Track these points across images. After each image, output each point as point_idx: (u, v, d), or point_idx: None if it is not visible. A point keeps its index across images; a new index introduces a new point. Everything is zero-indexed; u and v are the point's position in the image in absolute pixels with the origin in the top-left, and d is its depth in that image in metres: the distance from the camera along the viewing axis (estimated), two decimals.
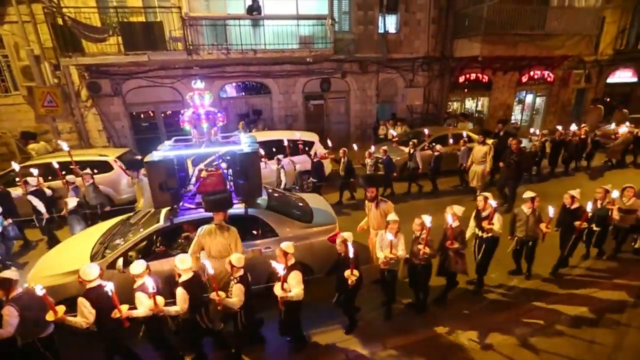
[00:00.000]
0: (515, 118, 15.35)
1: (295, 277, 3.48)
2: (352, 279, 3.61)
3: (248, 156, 4.33)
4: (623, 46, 15.64)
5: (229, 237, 3.99)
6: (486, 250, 4.74)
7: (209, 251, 3.98)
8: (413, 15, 12.12)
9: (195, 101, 4.49)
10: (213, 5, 9.47)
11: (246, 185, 4.42)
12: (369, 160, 8.07)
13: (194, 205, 4.58)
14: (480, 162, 8.05)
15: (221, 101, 11.11)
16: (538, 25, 11.67)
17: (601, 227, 5.41)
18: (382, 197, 4.90)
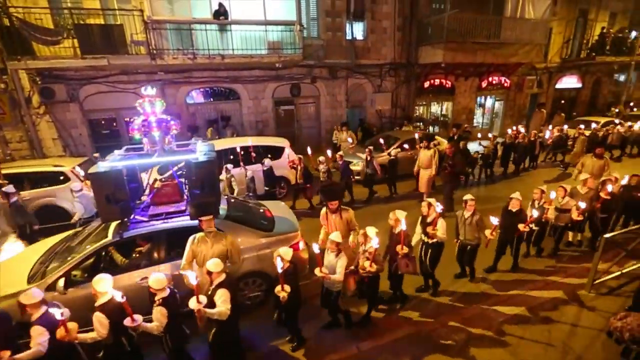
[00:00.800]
0: (477, 121, 16.20)
1: (222, 296, 3.29)
2: (283, 294, 3.46)
3: (203, 165, 4.19)
4: (568, 55, 17.06)
5: (228, 245, 3.95)
6: (432, 255, 4.75)
7: (202, 260, 3.83)
8: (379, 23, 12.49)
9: (145, 108, 4.29)
10: (178, 8, 9.21)
11: (202, 195, 4.28)
12: (321, 167, 7.96)
13: (146, 218, 4.38)
14: (427, 167, 8.16)
15: (188, 107, 10.79)
16: (494, 35, 12.46)
17: (539, 227, 5.61)
18: (343, 207, 4.82)
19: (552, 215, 5.52)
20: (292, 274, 3.71)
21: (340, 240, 3.96)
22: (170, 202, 4.74)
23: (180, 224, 4.37)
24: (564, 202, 5.69)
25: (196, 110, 10.99)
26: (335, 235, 3.99)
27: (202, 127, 11.04)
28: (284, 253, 3.67)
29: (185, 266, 3.86)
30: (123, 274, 4.16)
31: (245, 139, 8.81)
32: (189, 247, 3.89)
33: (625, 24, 18.53)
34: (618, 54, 17.19)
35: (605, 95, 20.27)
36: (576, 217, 5.42)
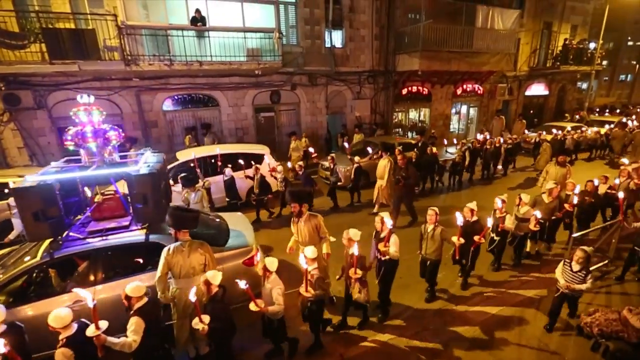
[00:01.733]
0: (453, 127, 16.73)
1: (133, 325, 3.04)
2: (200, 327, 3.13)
3: (144, 178, 3.94)
4: (535, 64, 18.02)
5: (205, 253, 3.82)
6: (385, 273, 4.43)
7: (179, 272, 3.71)
8: (357, 31, 12.73)
9: (80, 118, 4.08)
10: (153, 14, 9.04)
11: (147, 209, 4.03)
12: (278, 175, 7.82)
13: (82, 235, 4.05)
14: (381, 177, 8.00)
15: (165, 114, 10.53)
16: (467, 44, 12.98)
17: (500, 236, 5.49)
18: (311, 212, 4.64)
19: (510, 226, 5.31)
20: (219, 300, 3.36)
21: (314, 255, 3.74)
22: (113, 217, 4.43)
23: (121, 241, 4.06)
24: (523, 211, 5.53)
25: (173, 118, 10.73)
26: (308, 251, 3.74)
27: (180, 134, 10.80)
28: (212, 277, 3.37)
29: (160, 278, 3.68)
30: (55, 297, 3.83)
31: (213, 148, 8.53)
32: (163, 259, 3.68)
33: (585, 36, 19.84)
34: (580, 64, 18.33)
35: (570, 101, 21.51)
36: (533, 227, 5.22)
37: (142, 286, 3.24)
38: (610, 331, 3.81)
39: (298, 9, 11.47)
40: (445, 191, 10.23)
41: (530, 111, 19.56)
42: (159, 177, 4.16)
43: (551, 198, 5.90)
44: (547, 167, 7.79)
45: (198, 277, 3.71)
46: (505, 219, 5.25)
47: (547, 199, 5.94)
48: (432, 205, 4.99)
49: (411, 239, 5.63)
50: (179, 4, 9.21)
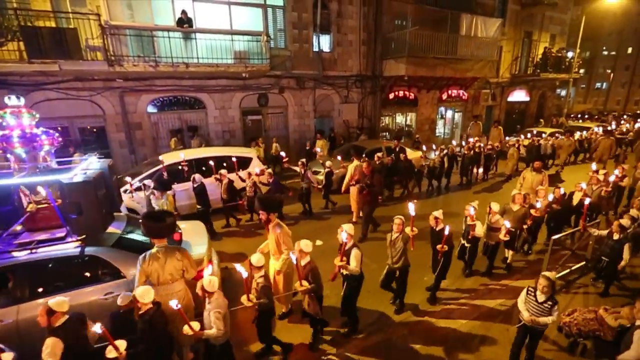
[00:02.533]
0: (439, 131, 17.04)
1: (47, 348, 2.77)
2: (113, 355, 2.83)
3: (77, 186, 3.73)
4: (517, 71, 18.59)
5: (182, 258, 3.69)
6: (348, 287, 4.21)
7: (157, 279, 3.57)
8: (345, 36, 12.85)
9: (8, 121, 3.88)
10: (139, 15, 8.89)
11: (82, 220, 3.83)
12: (247, 181, 7.60)
13: (10, 248, 3.75)
14: None
15: (150, 116, 10.33)
16: (451, 51, 13.30)
17: (471, 244, 5.38)
18: (279, 222, 4.50)
19: (480, 233, 5.19)
20: (147, 320, 3.06)
21: (259, 264, 3.62)
22: (49, 228, 4.13)
23: (51, 254, 3.74)
24: (494, 220, 5.40)
25: (158, 120, 10.55)
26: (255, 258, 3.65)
27: (165, 136, 10.62)
28: (140, 295, 3.12)
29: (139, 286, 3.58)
30: None
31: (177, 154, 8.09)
32: (139, 267, 3.52)
33: (563, 45, 20.63)
34: (558, 72, 19.02)
35: (550, 108, 22.27)
36: (502, 237, 5.04)
37: (66, 301, 3.00)
38: (588, 330, 3.93)
39: (286, 12, 11.50)
40: (422, 197, 10.01)
41: (512, 116, 20.14)
42: (95, 185, 3.89)
43: (518, 206, 5.76)
44: (523, 173, 7.63)
45: (178, 283, 3.64)
46: (475, 226, 5.11)
47: (514, 207, 5.82)
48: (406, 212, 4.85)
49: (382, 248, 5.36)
50: (165, 5, 9.10)
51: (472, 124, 15.38)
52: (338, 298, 4.67)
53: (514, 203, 5.86)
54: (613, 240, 5.05)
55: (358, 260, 4.03)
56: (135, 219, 5.13)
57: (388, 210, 8.57)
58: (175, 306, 2.90)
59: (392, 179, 9.61)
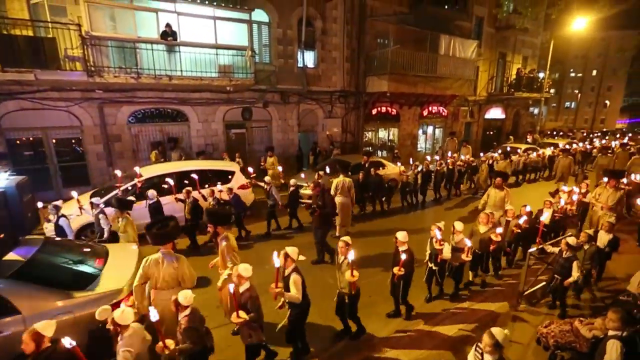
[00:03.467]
0: (420, 146, 17.46)
1: None
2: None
3: None
4: (493, 90, 19.46)
5: (180, 267, 3.77)
6: (290, 316, 3.90)
7: (155, 282, 3.72)
8: (329, 53, 13.14)
9: None
10: (121, 26, 8.80)
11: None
12: (209, 199, 7.24)
13: None
14: None
15: (130, 128, 10.10)
16: (431, 69, 13.82)
17: (439, 266, 5.17)
18: (226, 236, 4.33)
19: (448, 256, 5.00)
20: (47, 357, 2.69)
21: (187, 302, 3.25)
22: None
23: None
24: (458, 240, 5.28)
25: (139, 132, 10.32)
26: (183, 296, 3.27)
27: (146, 149, 10.39)
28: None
29: (136, 287, 3.73)
30: None
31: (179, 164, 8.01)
32: (141, 269, 3.72)
33: (534, 66, 21.83)
34: (531, 91, 20.04)
35: (524, 125, 23.30)
36: (465, 257, 4.96)
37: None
38: (565, 342, 4.01)
39: (271, 29, 11.69)
40: (395, 213, 9.82)
41: (489, 133, 20.93)
42: None
43: (485, 227, 5.61)
44: (488, 190, 7.51)
45: (174, 291, 3.59)
46: (443, 249, 4.91)
47: (481, 229, 5.63)
48: (374, 229, 4.76)
49: None
50: (149, 18, 9.06)
51: (448, 140, 15.79)
52: (320, 315, 4.60)
53: (480, 224, 5.73)
54: (563, 258, 5.01)
55: (298, 286, 3.68)
56: (57, 242, 4.77)
57: (364, 226, 8.54)
58: (153, 318, 2.77)
59: (363, 196, 9.41)
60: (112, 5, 8.52)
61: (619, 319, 3.15)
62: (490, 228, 5.59)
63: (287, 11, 11.74)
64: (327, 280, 5.61)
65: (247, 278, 3.51)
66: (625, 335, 3.11)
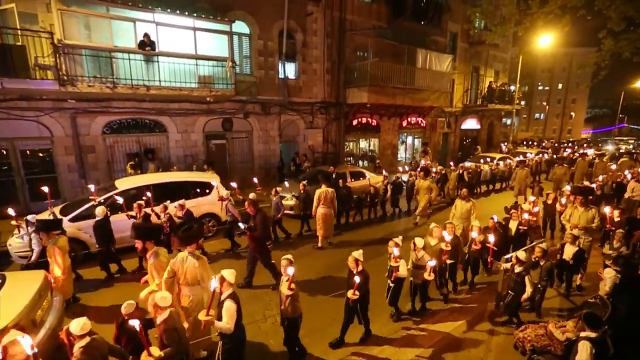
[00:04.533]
0: (400, 156, 17.81)
1: None
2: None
3: None
4: (468, 101, 20.25)
5: (201, 266, 4.03)
6: (222, 350, 3.46)
7: (184, 277, 4.01)
8: (310, 65, 13.32)
9: None
10: (96, 35, 8.59)
11: None
12: (162, 215, 6.72)
13: None
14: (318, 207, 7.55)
15: (105, 139, 9.77)
16: (409, 82, 14.26)
17: (395, 284, 4.85)
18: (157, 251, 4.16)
19: (403, 273, 4.71)
20: None
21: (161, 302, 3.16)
22: None
23: None
24: (419, 257, 5.00)
25: (114, 143, 9.99)
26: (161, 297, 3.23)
27: (122, 160, 10.05)
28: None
29: (166, 280, 3.98)
30: None
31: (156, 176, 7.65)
32: (169, 265, 4.03)
33: (505, 80, 22.96)
34: (503, 103, 21.00)
35: (498, 135, 24.30)
36: (427, 276, 4.67)
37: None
38: (540, 346, 4.11)
39: (252, 40, 11.74)
40: (363, 225, 9.56)
41: (466, 142, 21.68)
42: None
43: (435, 240, 5.41)
44: (455, 201, 7.35)
45: (194, 288, 4.00)
46: (399, 267, 4.63)
47: (432, 241, 5.40)
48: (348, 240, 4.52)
49: None
50: (127, 27, 8.89)
51: (421, 151, 16.17)
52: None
53: (431, 237, 5.48)
54: (515, 273, 4.88)
55: (231, 315, 3.28)
56: None
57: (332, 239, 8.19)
58: (137, 326, 2.75)
59: None
60: (87, 14, 8.31)
61: (587, 322, 3.29)
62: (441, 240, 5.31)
63: (268, 23, 11.85)
64: None
65: (166, 308, 3.15)
66: (595, 337, 3.23)
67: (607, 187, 10.51)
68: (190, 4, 9.88)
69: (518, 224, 6.75)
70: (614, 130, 50.59)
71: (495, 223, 6.22)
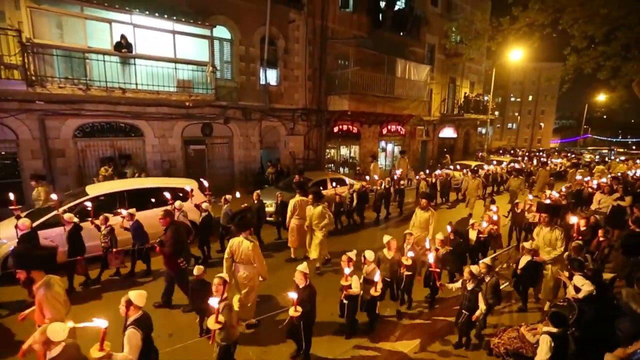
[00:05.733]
0: (381, 163, 18.08)
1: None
2: None
3: None
4: (445, 111, 20.91)
5: (253, 249, 4.68)
6: None
7: (240, 257, 4.72)
8: (292, 71, 13.36)
9: None
10: (69, 35, 8.28)
11: None
12: (103, 230, 6.08)
13: None
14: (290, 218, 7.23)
15: (77, 142, 9.35)
16: (389, 90, 14.57)
17: (349, 299, 4.62)
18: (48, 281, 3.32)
19: (356, 291, 4.51)
20: None
21: None
22: None
23: None
24: (369, 270, 4.77)
25: (86, 147, 9.58)
26: None
27: (94, 165, 9.64)
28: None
29: (226, 259, 4.75)
30: None
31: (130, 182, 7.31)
32: (228, 248, 4.77)
33: (480, 91, 23.92)
34: (478, 113, 21.83)
35: (474, 144, 25.18)
36: (374, 292, 4.50)
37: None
38: (513, 348, 4.24)
39: (234, 46, 11.66)
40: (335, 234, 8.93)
41: (444, 150, 22.33)
42: None
43: (392, 252, 5.13)
44: (416, 210, 6.97)
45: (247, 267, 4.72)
46: (351, 285, 4.40)
47: (388, 254, 5.14)
48: None
49: None
50: (102, 28, 8.62)
51: (399, 159, 16.44)
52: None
53: (388, 250, 5.17)
54: (468, 290, 4.55)
55: (132, 345, 2.93)
56: None
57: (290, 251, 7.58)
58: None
59: None
60: (59, 13, 8.00)
61: (552, 319, 3.45)
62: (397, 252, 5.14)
63: (250, 29, 11.83)
64: None
65: (58, 343, 2.62)
66: (557, 332, 3.35)
67: (570, 197, 10.74)
68: (170, 7, 9.72)
69: (478, 232, 6.64)
70: (579, 140, 53.67)
71: (449, 234, 5.97)
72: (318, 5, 13.37)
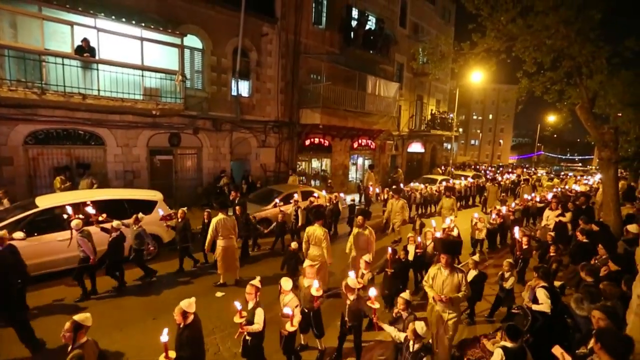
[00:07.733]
0: (352, 176, 18.37)
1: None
2: None
3: None
4: (413, 127, 21.77)
5: (324, 234, 5.92)
6: None
7: (313, 240, 5.94)
8: (264, 83, 13.36)
9: None
10: (24, 36, 7.79)
11: None
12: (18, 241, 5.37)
13: None
14: None
15: (27, 150, 8.68)
16: (360, 105, 14.97)
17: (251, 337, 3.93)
18: None
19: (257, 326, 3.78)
20: None
21: None
22: None
23: None
24: (286, 302, 4.15)
25: (39, 155, 8.91)
26: None
27: (48, 175, 8.97)
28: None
29: (305, 242, 6.04)
30: None
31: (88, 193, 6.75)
32: (305, 236, 6.06)
33: (445, 109, 25.22)
34: (443, 129, 22.94)
35: (440, 158, 26.33)
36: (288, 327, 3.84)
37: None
38: (475, 359, 4.38)
39: (205, 55, 11.50)
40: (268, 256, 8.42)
41: (413, 164, 23.15)
42: None
43: (311, 280, 4.46)
44: (353, 230, 6.58)
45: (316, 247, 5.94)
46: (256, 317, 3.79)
47: (305, 282, 4.57)
48: None
49: None
50: (62, 30, 8.19)
51: (368, 173, 16.73)
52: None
53: (305, 277, 4.63)
54: (409, 352, 3.45)
55: None
56: None
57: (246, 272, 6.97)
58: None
59: None
60: (13, 11, 7.51)
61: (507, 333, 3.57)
62: None
63: (222, 40, 11.75)
64: None
65: None
66: (511, 347, 3.44)
67: (518, 213, 10.65)
68: (139, 13, 9.46)
69: (415, 247, 6.48)
70: (534, 157, 57.82)
71: (390, 254, 5.62)
72: (291, 20, 13.59)
